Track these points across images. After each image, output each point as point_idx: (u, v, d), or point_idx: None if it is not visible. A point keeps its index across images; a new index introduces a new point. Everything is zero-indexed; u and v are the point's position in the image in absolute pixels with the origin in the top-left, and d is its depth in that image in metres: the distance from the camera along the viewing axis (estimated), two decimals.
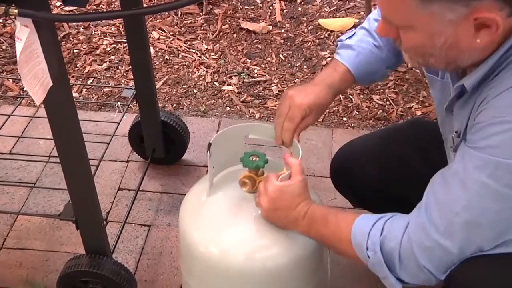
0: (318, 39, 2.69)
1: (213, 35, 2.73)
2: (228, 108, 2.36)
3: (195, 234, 1.31)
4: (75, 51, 2.65)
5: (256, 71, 2.53)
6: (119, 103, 2.31)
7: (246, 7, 2.90)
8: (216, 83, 2.48)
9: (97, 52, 2.65)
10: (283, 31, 2.75)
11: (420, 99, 2.37)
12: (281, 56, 2.61)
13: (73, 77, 2.52)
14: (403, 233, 1.11)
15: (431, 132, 1.44)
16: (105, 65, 2.58)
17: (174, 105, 2.38)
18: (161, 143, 1.97)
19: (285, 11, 2.87)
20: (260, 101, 2.39)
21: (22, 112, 2.25)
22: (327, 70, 1.39)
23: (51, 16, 1.21)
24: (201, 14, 2.86)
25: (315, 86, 1.35)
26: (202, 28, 2.78)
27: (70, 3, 1.20)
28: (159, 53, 2.64)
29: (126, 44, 2.51)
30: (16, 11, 1.06)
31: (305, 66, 2.55)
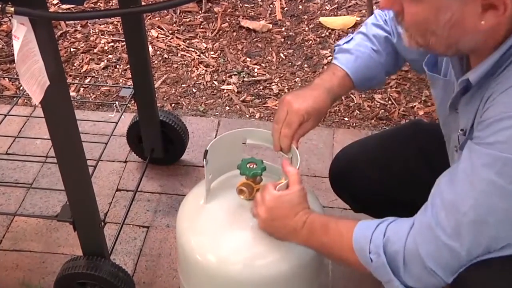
0: (319, 38, 2.67)
1: (212, 33, 2.72)
2: (227, 107, 2.34)
3: (192, 241, 1.31)
4: (72, 49, 2.64)
5: (256, 70, 2.51)
6: (117, 103, 2.29)
7: (246, 5, 2.88)
8: (215, 82, 2.47)
9: (95, 50, 2.64)
10: (283, 29, 2.73)
11: (422, 98, 2.35)
12: (281, 55, 2.59)
13: (70, 76, 2.51)
14: (407, 235, 1.09)
15: (432, 133, 1.42)
16: (102, 64, 2.57)
17: (173, 105, 2.36)
18: (159, 143, 1.96)
19: (285, 9, 2.85)
20: (260, 100, 2.38)
21: (18, 111, 2.24)
22: (325, 74, 1.38)
23: (48, 14, 1.21)
24: (200, 12, 2.84)
25: (313, 90, 1.33)
26: (201, 26, 2.76)
27: (67, 1, 1.19)
28: (158, 52, 2.62)
29: (124, 42, 2.51)
30: (12, 9, 1.05)
31: (305, 65, 2.53)
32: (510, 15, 0.96)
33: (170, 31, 2.73)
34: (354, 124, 2.26)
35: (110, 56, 2.61)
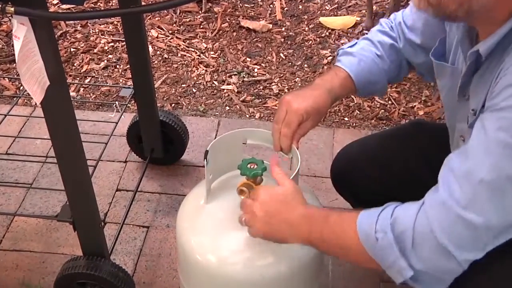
0: (319, 38, 2.67)
1: (212, 33, 2.71)
2: (227, 107, 2.34)
3: (192, 241, 1.30)
4: (72, 49, 2.64)
5: (256, 70, 2.51)
6: (117, 103, 2.29)
7: (246, 5, 2.88)
8: (215, 82, 2.46)
9: (95, 50, 2.63)
10: (283, 29, 2.73)
11: (422, 98, 2.35)
12: (281, 54, 2.59)
13: (70, 76, 2.50)
14: (417, 212, 1.02)
15: (432, 133, 1.42)
16: (102, 64, 2.56)
17: (173, 105, 2.36)
18: (159, 143, 1.96)
19: (285, 9, 2.85)
20: (260, 100, 2.37)
21: (18, 111, 2.24)
22: (326, 75, 1.37)
23: (48, 14, 1.20)
24: (200, 12, 2.84)
25: (314, 90, 1.33)
26: (201, 26, 2.76)
27: (67, 1, 1.18)
28: (158, 52, 2.62)
29: (124, 42, 2.51)
30: (12, 9, 1.05)
31: (305, 65, 2.53)
32: None
33: (170, 31, 2.73)
34: (354, 124, 2.26)
35: (110, 56, 2.61)
